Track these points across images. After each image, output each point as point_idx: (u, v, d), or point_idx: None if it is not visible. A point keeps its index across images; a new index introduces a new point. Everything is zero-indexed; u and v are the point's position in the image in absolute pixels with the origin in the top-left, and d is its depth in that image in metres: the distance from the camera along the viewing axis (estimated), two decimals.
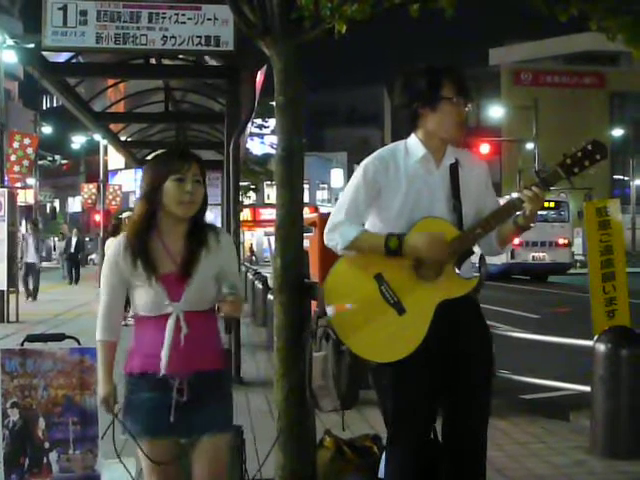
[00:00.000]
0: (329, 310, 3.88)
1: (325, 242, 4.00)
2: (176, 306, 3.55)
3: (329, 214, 4.08)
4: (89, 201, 38.34)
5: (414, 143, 3.96)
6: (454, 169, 3.95)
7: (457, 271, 3.87)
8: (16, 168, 22.00)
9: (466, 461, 3.93)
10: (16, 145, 21.83)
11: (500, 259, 32.45)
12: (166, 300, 3.55)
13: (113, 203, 37.04)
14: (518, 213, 3.88)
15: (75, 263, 32.62)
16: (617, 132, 57.25)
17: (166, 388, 3.56)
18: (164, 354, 3.53)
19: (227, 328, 3.60)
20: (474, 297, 3.98)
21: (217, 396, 3.65)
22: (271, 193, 56.76)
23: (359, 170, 3.97)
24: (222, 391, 3.70)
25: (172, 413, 3.54)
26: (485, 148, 43.60)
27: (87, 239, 63.21)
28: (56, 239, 43.69)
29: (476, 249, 4.06)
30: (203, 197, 3.66)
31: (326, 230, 3.99)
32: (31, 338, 4.31)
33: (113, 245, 3.71)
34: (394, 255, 3.80)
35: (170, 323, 3.55)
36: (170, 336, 3.54)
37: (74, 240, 32.56)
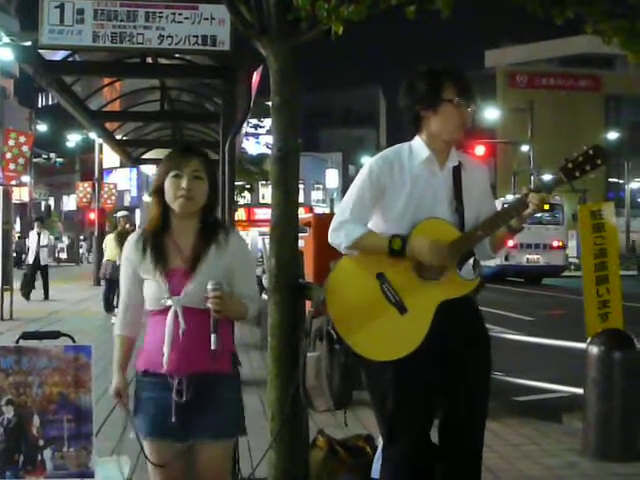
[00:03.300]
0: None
1: (329, 240, 4.02)
2: (175, 300, 3.53)
3: (324, 214, 4.11)
4: (84, 199, 38.25)
5: (418, 145, 3.99)
6: (457, 172, 3.98)
7: (458, 272, 3.89)
8: (11, 166, 21.98)
9: (462, 462, 3.94)
10: (11, 143, 21.82)
11: (494, 261, 32.51)
12: (166, 293, 3.54)
13: (108, 202, 36.94)
14: None
15: (39, 269, 23.35)
16: (612, 135, 57.33)
17: (166, 388, 3.54)
18: (165, 350, 3.52)
19: (214, 328, 3.56)
20: (473, 298, 4.01)
21: (221, 400, 3.62)
22: (266, 193, 56.70)
23: (364, 170, 3.99)
24: (226, 395, 3.66)
25: (172, 414, 3.52)
26: (480, 150, 43.59)
27: (81, 237, 63.23)
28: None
29: None
30: (209, 193, 3.65)
31: (331, 229, 4.00)
32: (26, 335, 4.31)
33: (127, 242, 3.75)
34: (397, 256, 3.82)
35: (169, 318, 3.53)
36: (170, 332, 3.52)
37: (40, 239, 23.39)
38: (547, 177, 3.92)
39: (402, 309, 3.83)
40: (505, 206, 3.95)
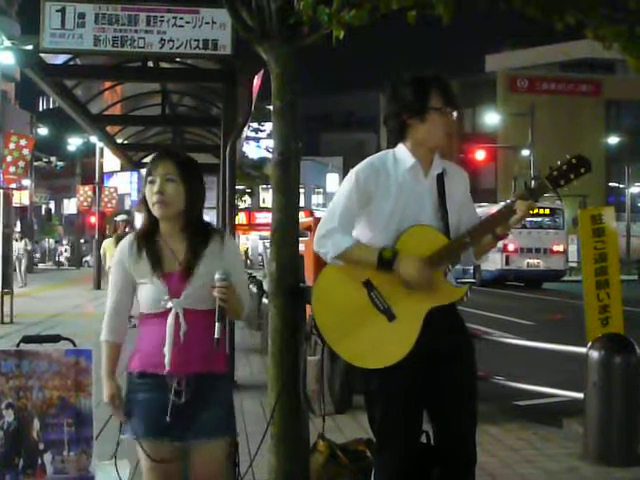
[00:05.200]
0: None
1: (315, 248, 3.99)
2: (176, 302, 3.56)
3: None
4: (84, 203, 38.22)
5: (403, 152, 3.96)
6: (441, 179, 3.97)
7: (447, 279, 3.89)
8: (12, 169, 21.97)
9: (455, 467, 3.93)
10: (12, 146, 21.81)
11: (495, 265, 32.57)
12: (166, 295, 3.57)
13: (109, 205, 36.89)
14: None
15: None
16: (612, 139, 57.40)
17: (164, 388, 3.56)
18: (167, 350, 3.54)
19: (219, 317, 3.57)
20: (455, 303, 4.00)
21: (217, 400, 3.65)
22: (266, 197, 56.79)
23: (351, 177, 3.96)
24: (222, 395, 3.70)
25: (169, 414, 3.54)
26: (481, 154, 43.73)
27: (82, 241, 63.25)
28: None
29: None
30: (187, 196, 3.62)
31: (317, 236, 3.96)
32: (27, 339, 4.32)
33: (119, 246, 3.75)
34: (385, 269, 3.80)
35: (170, 319, 3.55)
36: (171, 333, 3.54)
37: None
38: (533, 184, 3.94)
39: (391, 316, 3.81)
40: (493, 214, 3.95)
